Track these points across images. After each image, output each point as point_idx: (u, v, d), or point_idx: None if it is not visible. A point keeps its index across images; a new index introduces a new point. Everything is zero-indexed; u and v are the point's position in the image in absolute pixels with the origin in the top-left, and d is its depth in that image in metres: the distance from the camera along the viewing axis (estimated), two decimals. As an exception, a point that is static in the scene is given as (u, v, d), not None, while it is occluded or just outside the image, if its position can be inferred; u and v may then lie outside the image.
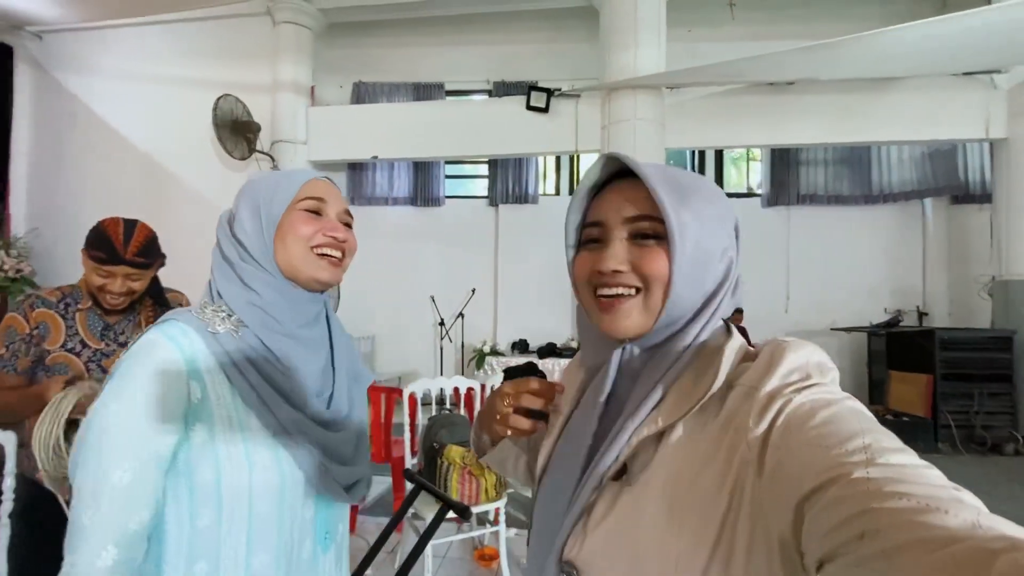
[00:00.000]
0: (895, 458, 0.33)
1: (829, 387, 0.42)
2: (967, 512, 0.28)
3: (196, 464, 0.61)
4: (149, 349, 0.61)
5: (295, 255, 0.68)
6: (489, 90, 5.54)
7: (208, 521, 0.62)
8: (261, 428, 0.64)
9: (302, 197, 0.70)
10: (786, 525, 0.36)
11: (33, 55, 5.44)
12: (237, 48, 5.25)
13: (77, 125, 5.48)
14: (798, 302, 5.40)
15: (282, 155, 5.00)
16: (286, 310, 0.69)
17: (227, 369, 0.63)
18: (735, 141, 4.80)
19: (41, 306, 1.24)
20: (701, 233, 0.47)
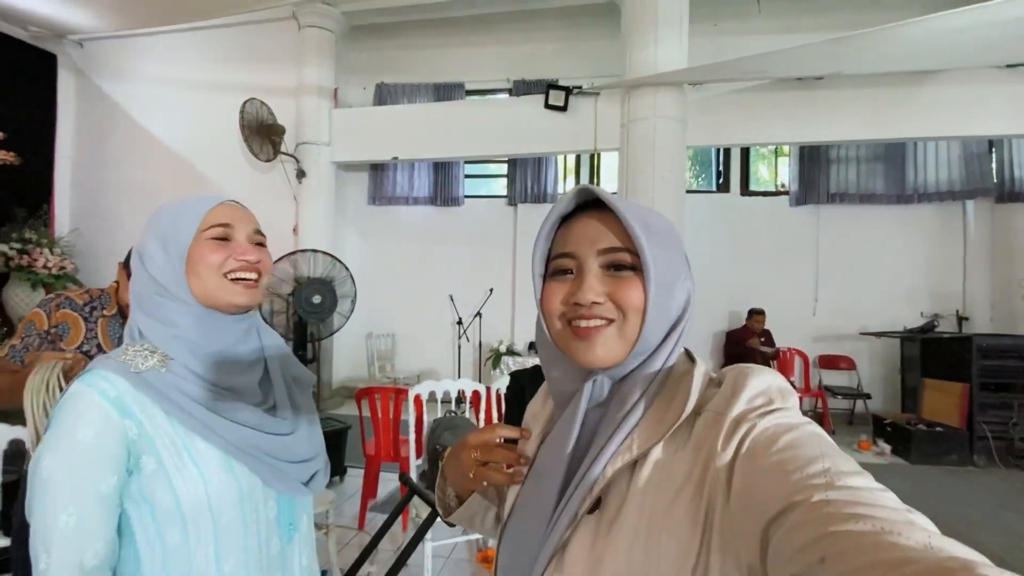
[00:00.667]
0: (853, 480, 0.35)
1: (791, 412, 0.43)
2: (920, 534, 0.30)
3: (152, 491, 0.65)
4: (75, 401, 0.63)
5: (209, 284, 0.69)
6: (509, 89, 5.53)
7: (176, 539, 0.65)
8: (209, 447, 0.67)
9: (207, 225, 0.71)
10: (753, 551, 0.37)
11: (75, 62, 5.72)
12: (264, 53, 5.40)
13: (116, 129, 5.74)
14: (826, 305, 5.21)
15: (306, 156, 5.12)
16: (210, 336, 0.71)
17: (159, 401, 0.66)
18: (761, 138, 4.65)
19: (67, 307, 1.30)
20: (667, 265, 0.49)
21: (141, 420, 0.65)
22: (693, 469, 0.43)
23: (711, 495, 0.41)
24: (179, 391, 0.67)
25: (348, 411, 4.79)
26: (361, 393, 2.72)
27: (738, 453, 0.41)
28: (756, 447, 0.40)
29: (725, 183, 5.45)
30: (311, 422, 0.81)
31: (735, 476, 0.40)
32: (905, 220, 5.13)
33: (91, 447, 0.62)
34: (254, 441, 0.70)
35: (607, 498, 0.46)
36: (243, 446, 0.69)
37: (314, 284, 3.52)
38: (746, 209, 5.34)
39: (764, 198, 5.38)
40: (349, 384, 5.60)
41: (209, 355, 0.70)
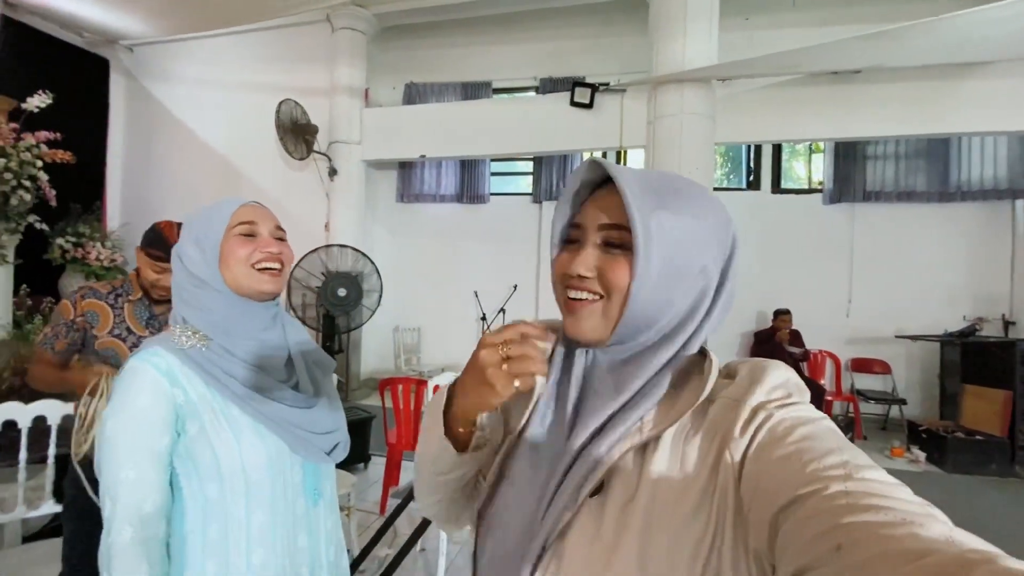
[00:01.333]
0: (870, 474, 0.34)
1: (808, 406, 0.43)
2: (938, 527, 0.29)
3: (197, 450, 0.77)
4: (132, 374, 0.76)
5: (239, 274, 0.80)
6: (536, 87, 5.55)
7: (215, 493, 0.77)
8: (242, 415, 0.79)
9: (235, 223, 0.82)
10: (761, 538, 0.37)
11: (126, 66, 6.05)
12: (298, 54, 5.59)
13: (162, 129, 6.05)
14: (861, 306, 5.04)
15: (338, 155, 5.28)
16: (241, 320, 0.82)
17: (201, 374, 0.78)
18: (795, 135, 4.53)
19: (91, 297, 1.42)
20: (675, 248, 0.46)
21: (186, 389, 0.77)
22: (707, 455, 0.42)
23: (724, 481, 0.41)
24: (217, 366, 0.78)
25: (374, 402, 4.92)
26: (384, 383, 2.81)
27: (753, 440, 0.40)
28: (773, 436, 0.40)
29: (755, 181, 5.33)
30: (331, 400, 0.92)
31: (747, 462, 0.40)
32: (947, 219, 4.90)
33: (147, 411, 0.74)
34: (281, 412, 0.81)
35: (611, 482, 0.45)
36: (271, 415, 0.80)
37: (340, 278, 3.64)
38: (777, 207, 5.22)
39: (797, 196, 5.24)
40: (376, 375, 5.76)
41: (241, 337, 0.81)
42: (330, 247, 3.77)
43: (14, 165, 4.07)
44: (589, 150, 5.09)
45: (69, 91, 4.92)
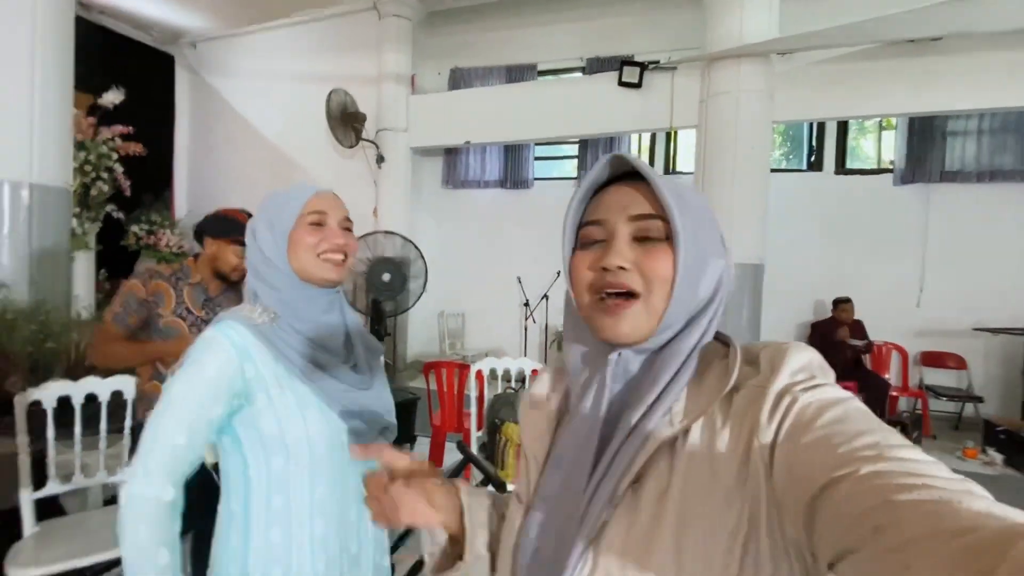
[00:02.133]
0: (904, 453, 0.34)
1: (834, 387, 0.42)
2: (979, 502, 0.29)
3: (263, 422, 0.80)
4: (207, 343, 0.80)
5: (305, 262, 0.84)
6: (582, 67, 5.41)
7: (280, 465, 0.81)
8: (307, 391, 0.82)
9: (306, 212, 0.85)
10: (798, 526, 0.36)
11: (189, 62, 6.37)
12: (347, 43, 5.68)
13: (222, 121, 6.35)
14: (934, 295, 4.66)
15: (385, 142, 5.36)
16: (305, 302, 0.86)
17: (271, 349, 0.82)
18: (863, 110, 4.19)
19: (158, 279, 1.54)
20: (700, 240, 0.47)
21: (257, 363, 0.80)
22: (737, 445, 0.42)
23: (755, 470, 0.40)
24: (285, 342, 0.82)
25: (419, 384, 5.05)
26: (428, 367, 2.87)
27: (781, 427, 0.40)
28: (801, 420, 0.39)
29: (818, 161, 5.00)
30: (383, 384, 0.96)
31: (777, 450, 0.39)
32: (1040, 201, 4.43)
33: (211, 382, 0.77)
34: (340, 390, 0.85)
35: (645, 475, 0.45)
36: (332, 393, 0.84)
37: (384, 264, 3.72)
38: (841, 189, 4.88)
39: (863, 176, 4.87)
40: (422, 358, 5.89)
41: (306, 317, 0.85)
42: (376, 234, 3.86)
43: (93, 158, 4.39)
44: (637, 131, 4.93)
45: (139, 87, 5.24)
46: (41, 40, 2.43)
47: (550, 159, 5.96)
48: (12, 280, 2.28)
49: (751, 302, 4.02)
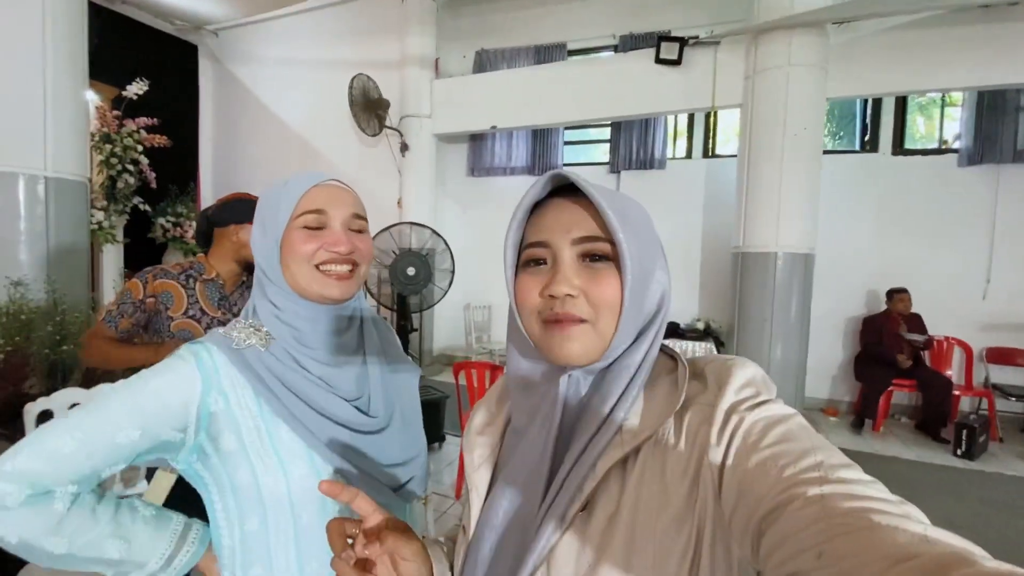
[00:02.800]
0: (846, 473, 0.35)
1: (777, 403, 0.42)
2: (915, 526, 0.30)
3: (233, 468, 0.63)
4: (173, 359, 0.64)
5: (299, 275, 0.66)
6: (615, 45, 5.12)
7: (255, 526, 0.64)
8: (293, 438, 0.64)
9: (300, 212, 0.66)
10: (745, 546, 0.37)
11: (212, 51, 6.30)
12: (369, 27, 5.51)
13: (246, 110, 6.28)
14: (1003, 287, 4.27)
15: (409, 130, 5.20)
16: (307, 323, 0.68)
17: (251, 382, 0.64)
18: (926, 84, 3.81)
19: (163, 277, 1.37)
20: (642, 256, 0.46)
21: (228, 397, 0.64)
22: (688, 464, 0.42)
23: (704, 490, 0.41)
24: (273, 374, 0.65)
25: (445, 378, 4.94)
26: (458, 366, 2.73)
27: (730, 447, 0.40)
28: (747, 441, 0.39)
29: (872, 141, 4.62)
30: (408, 421, 0.75)
31: (726, 472, 0.39)
32: None
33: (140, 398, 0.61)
34: (341, 438, 0.66)
35: (596, 497, 0.44)
36: (328, 443, 0.65)
37: (409, 257, 3.57)
38: (898, 170, 4.50)
39: (924, 157, 4.48)
40: (448, 352, 5.78)
41: (307, 342, 0.68)
42: (400, 225, 3.70)
43: (119, 150, 4.36)
44: (675, 112, 4.64)
45: (163, 78, 5.19)
46: (52, 27, 2.32)
47: (581, 143, 5.71)
48: (29, 278, 2.19)
49: (800, 294, 3.74)
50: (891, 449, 3.59)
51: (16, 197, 2.29)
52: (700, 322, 4.69)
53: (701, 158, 5.06)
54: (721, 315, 4.64)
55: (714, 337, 4.44)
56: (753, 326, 3.81)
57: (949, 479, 3.12)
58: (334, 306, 0.69)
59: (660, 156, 5.04)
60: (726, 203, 4.41)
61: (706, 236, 4.94)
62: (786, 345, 3.73)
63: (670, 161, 5.10)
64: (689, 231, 4.97)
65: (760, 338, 3.76)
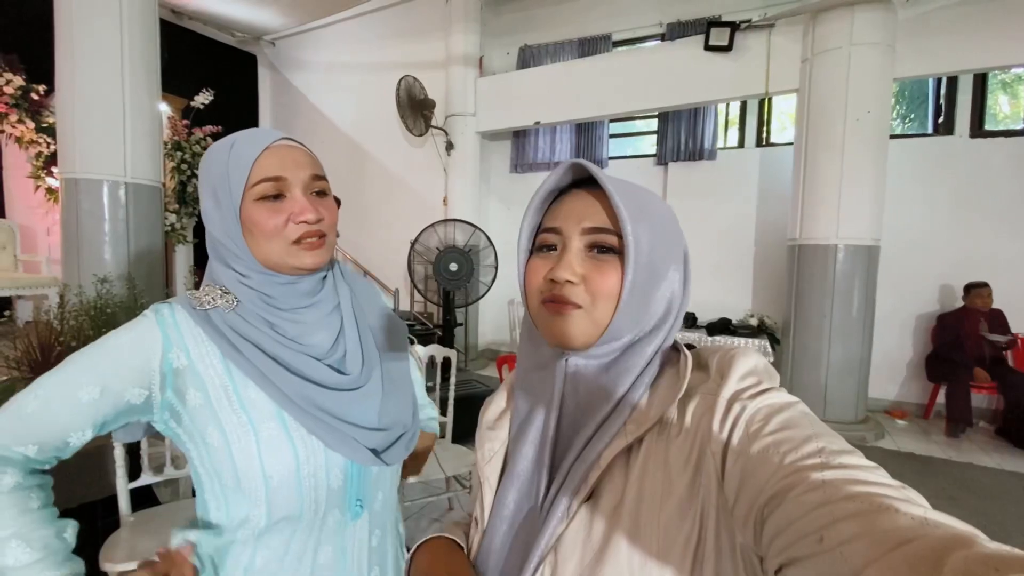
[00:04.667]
0: (846, 459, 0.35)
1: (780, 391, 0.43)
2: (916, 510, 0.30)
3: (203, 426, 0.61)
4: (134, 321, 0.63)
5: (268, 251, 0.62)
6: (663, 34, 4.98)
7: (230, 482, 0.61)
8: (263, 398, 0.62)
9: (255, 180, 0.61)
10: (747, 533, 0.37)
11: (270, 60, 6.64)
12: (415, 28, 5.64)
13: (300, 114, 6.58)
14: (1102, 280, 3.85)
15: (454, 129, 5.28)
16: (280, 289, 0.65)
17: (217, 342, 0.62)
18: (1011, 59, 3.45)
19: None
20: (654, 253, 0.46)
21: (191, 353, 0.62)
22: (691, 453, 0.42)
23: (707, 478, 0.41)
24: (239, 334, 0.62)
25: (490, 372, 4.99)
26: (502, 360, 2.77)
27: (732, 435, 0.40)
28: (749, 429, 0.40)
29: (947, 123, 4.27)
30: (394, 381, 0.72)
31: (728, 458, 0.40)
32: None
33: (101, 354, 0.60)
34: (313, 396, 0.62)
35: (601, 486, 0.45)
36: (300, 400, 0.62)
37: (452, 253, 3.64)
38: (978, 154, 4.13)
39: (1007, 139, 4.09)
40: (493, 346, 5.84)
41: (277, 308, 0.65)
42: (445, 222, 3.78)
43: (188, 156, 4.68)
44: (726, 100, 4.47)
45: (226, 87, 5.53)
46: (129, 46, 2.53)
47: (626, 135, 5.60)
48: (113, 275, 2.41)
49: (864, 289, 3.52)
50: (967, 456, 3.32)
51: (101, 202, 2.52)
52: (753, 318, 4.50)
53: (754, 147, 4.85)
54: (776, 311, 4.44)
55: (768, 334, 4.25)
56: (811, 323, 3.62)
57: (1036, 490, 2.85)
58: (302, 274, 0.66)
59: (710, 146, 4.87)
60: (781, 194, 4.21)
61: (760, 228, 4.73)
62: (847, 343, 3.52)
63: (721, 151, 4.92)
64: (742, 223, 4.78)
65: (819, 336, 3.57)
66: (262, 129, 0.64)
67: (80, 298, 2.24)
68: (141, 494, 1.78)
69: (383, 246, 5.92)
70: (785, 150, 4.36)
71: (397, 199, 5.97)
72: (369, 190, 6.14)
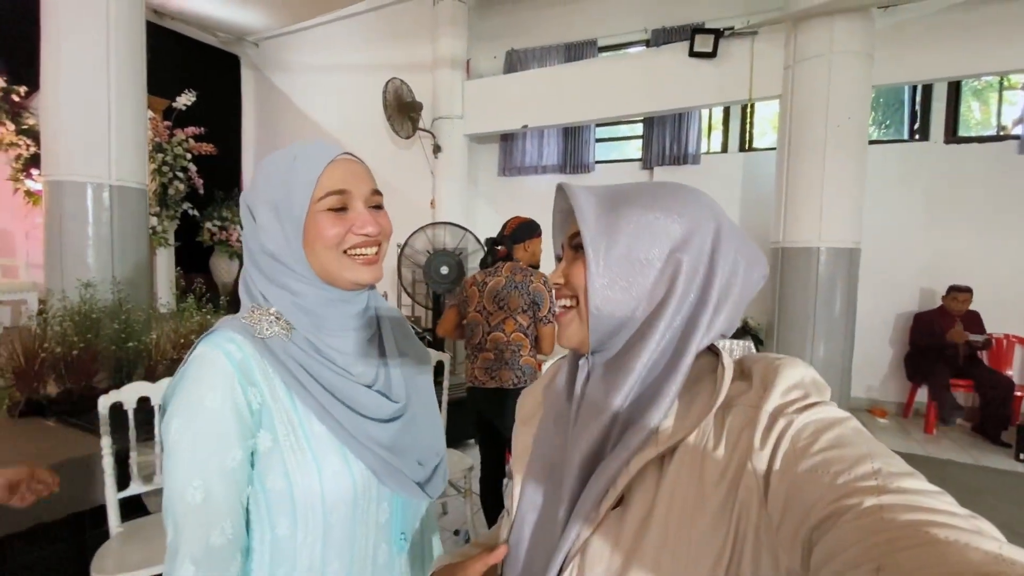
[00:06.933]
0: (907, 483, 0.32)
1: (829, 406, 0.40)
2: (988, 543, 0.27)
3: (266, 472, 0.59)
4: (199, 363, 0.59)
5: (328, 261, 0.62)
6: (647, 40, 5.05)
7: (285, 530, 0.60)
8: (324, 432, 0.61)
9: (323, 194, 0.61)
10: (795, 557, 0.35)
11: (253, 61, 6.56)
12: (402, 31, 5.62)
13: (285, 116, 6.51)
14: (1070, 281, 4.01)
15: (441, 131, 5.28)
16: (331, 310, 0.64)
17: (281, 374, 0.61)
18: (983, 67, 3.61)
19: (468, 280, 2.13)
20: (627, 241, 0.46)
21: (263, 391, 0.60)
22: (728, 467, 0.40)
23: (746, 495, 0.39)
24: (299, 364, 0.61)
25: (481, 377, 4.98)
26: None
27: (776, 451, 0.38)
28: (796, 445, 0.38)
29: (923, 129, 4.41)
30: (427, 409, 0.73)
31: (773, 476, 0.38)
32: None
33: (217, 415, 0.57)
34: (369, 431, 0.62)
35: (631, 495, 0.44)
36: (358, 435, 0.61)
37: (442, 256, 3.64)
38: (952, 159, 4.28)
39: (980, 145, 4.24)
40: (482, 351, 5.84)
41: (330, 330, 0.64)
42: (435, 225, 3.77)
43: (170, 158, 4.60)
44: (710, 105, 4.55)
45: (208, 88, 5.44)
46: (115, 47, 2.49)
47: (613, 140, 5.66)
48: (97, 280, 2.35)
49: (846, 290, 3.61)
50: (946, 452, 3.43)
51: (85, 205, 2.46)
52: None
53: (737, 152, 4.95)
54: (760, 313, 4.53)
55: (752, 335, 4.33)
56: (795, 324, 3.70)
57: (1010, 484, 2.96)
58: (355, 292, 0.66)
59: (694, 151, 4.95)
60: (764, 198, 4.30)
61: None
62: (829, 344, 3.61)
63: (704, 156, 5.01)
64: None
65: (802, 336, 3.65)
66: (321, 143, 0.65)
67: (64, 303, 2.19)
68: (130, 503, 1.74)
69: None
70: (768, 155, 4.45)
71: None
72: (356, 193, 6.11)
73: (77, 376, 2.05)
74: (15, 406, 1.98)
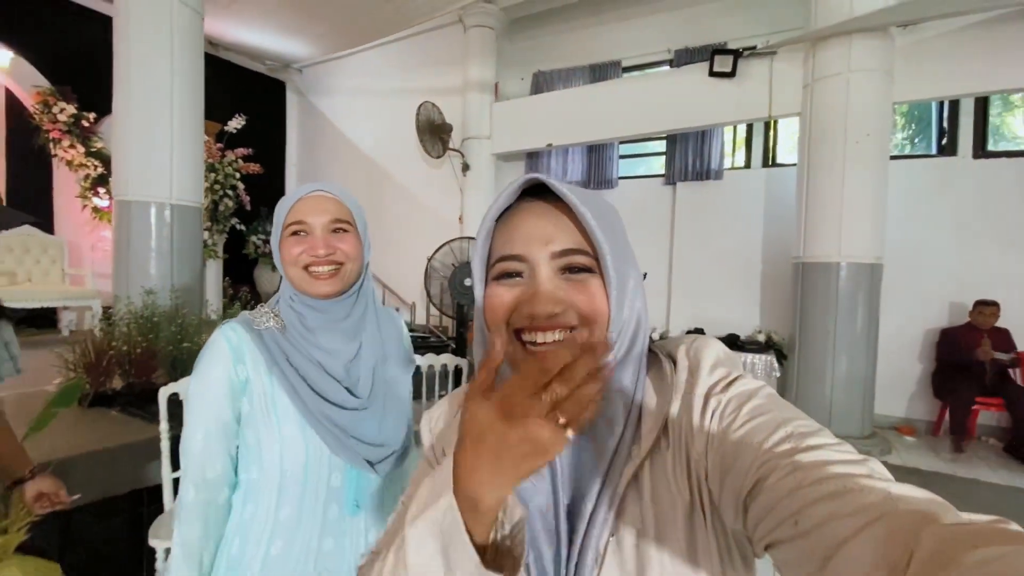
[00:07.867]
0: (814, 439, 0.36)
1: (745, 378, 0.43)
2: (879, 484, 0.31)
3: (245, 429, 0.80)
4: (210, 345, 0.81)
5: (294, 276, 0.81)
6: (670, 60, 5.18)
7: (255, 475, 0.80)
8: (290, 406, 0.79)
9: (288, 222, 0.81)
10: (738, 521, 0.38)
11: (297, 86, 7.01)
12: (434, 57, 5.94)
13: (325, 138, 6.92)
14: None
15: (470, 151, 5.52)
16: (311, 313, 0.83)
17: (265, 357, 0.80)
18: (1008, 83, 3.57)
19: None
20: (621, 261, 0.44)
21: (248, 367, 0.79)
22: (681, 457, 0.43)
23: (697, 476, 0.42)
24: (283, 353, 0.80)
25: (504, 387, 5.11)
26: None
27: (710, 430, 0.41)
28: (723, 421, 0.41)
29: (951, 144, 4.36)
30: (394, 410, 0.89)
31: (709, 453, 0.41)
32: None
33: (218, 382, 0.78)
34: (325, 410, 0.80)
35: (620, 522, 0.43)
36: (317, 414, 0.79)
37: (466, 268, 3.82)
38: (981, 174, 4.20)
39: (1010, 159, 4.16)
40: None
41: (309, 327, 0.83)
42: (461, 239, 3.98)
43: (221, 178, 4.99)
44: (731, 123, 4.63)
45: (256, 112, 5.88)
46: (178, 79, 2.82)
47: (636, 156, 5.78)
48: (158, 287, 2.64)
49: (867, 306, 3.60)
50: (975, 471, 3.34)
51: (149, 222, 2.78)
52: (761, 334, 4.58)
53: (761, 167, 4.98)
54: (784, 328, 4.51)
55: (776, 350, 4.33)
56: (815, 339, 3.69)
57: (1041, 506, 2.87)
58: (331, 301, 0.83)
59: (717, 167, 5.01)
60: (788, 213, 4.32)
61: (767, 247, 4.83)
62: (852, 359, 3.59)
63: (728, 171, 5.06)
64: (749, 242, 4.89)
65: (823, 352, 3.64)
66: (309, 185, 0.84)
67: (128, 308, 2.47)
68: (182, 484, 1.95)
69: (401, 262, 6.15)
70: (791, 170, 4.47)
71: (415, 218, 6.22)
72: (389, 209, 6.41)
73: (139, 371, 2.31)
74: (85, 397, 2.25)
